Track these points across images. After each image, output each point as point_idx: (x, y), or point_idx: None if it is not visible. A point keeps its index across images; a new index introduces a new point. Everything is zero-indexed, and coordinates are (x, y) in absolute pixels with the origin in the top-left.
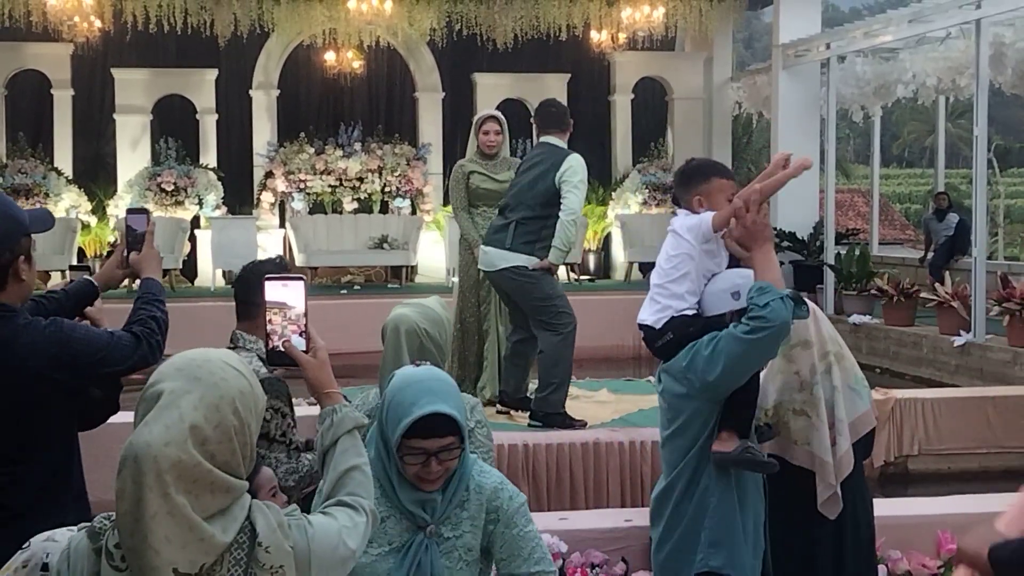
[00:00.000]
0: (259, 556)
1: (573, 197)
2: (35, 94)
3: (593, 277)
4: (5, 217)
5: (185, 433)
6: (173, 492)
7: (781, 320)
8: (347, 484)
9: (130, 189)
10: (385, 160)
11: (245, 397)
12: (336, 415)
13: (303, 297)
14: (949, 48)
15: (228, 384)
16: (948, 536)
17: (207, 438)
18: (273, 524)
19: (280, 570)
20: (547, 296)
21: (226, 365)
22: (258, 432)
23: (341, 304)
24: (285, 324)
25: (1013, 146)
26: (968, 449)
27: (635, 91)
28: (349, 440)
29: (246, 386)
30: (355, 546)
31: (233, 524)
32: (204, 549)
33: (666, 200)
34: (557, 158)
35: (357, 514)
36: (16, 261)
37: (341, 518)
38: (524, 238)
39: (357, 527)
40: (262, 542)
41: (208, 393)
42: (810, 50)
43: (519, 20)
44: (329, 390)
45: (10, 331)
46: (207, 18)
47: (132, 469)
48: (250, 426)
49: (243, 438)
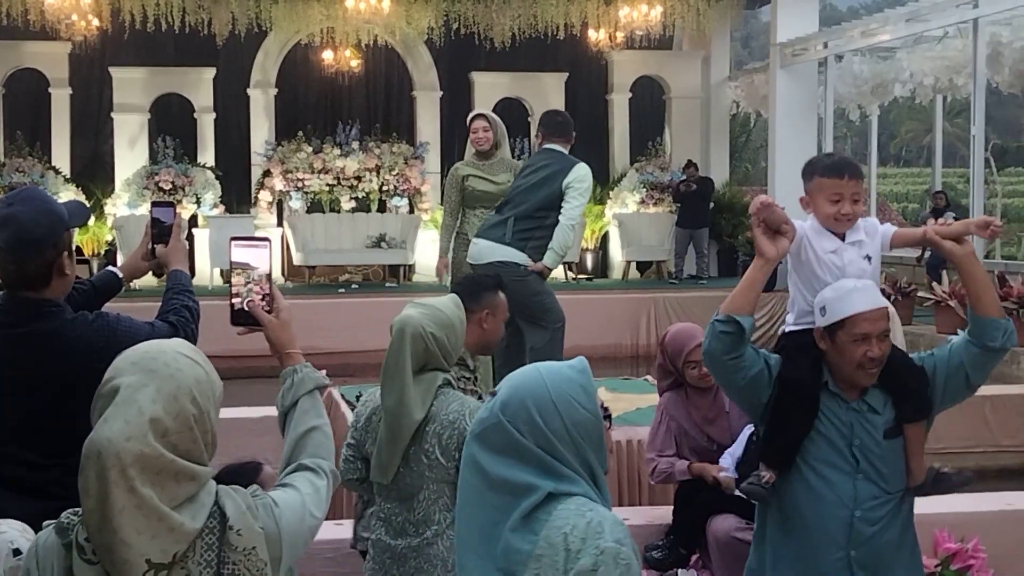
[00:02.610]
0: (231, 539)
1: (576, 204)
2: (33, 93)
3: (591, 276)
4: (48, 214)
5: (145, 426)
6: (139, 485)
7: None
8: (307, 446)
9: (128, 188)
10: (383, 159)
11: (202, 385)
12: (297, 375)
13: (268, 259)
14: (946, 47)
15: (184, 374)
16: (945, 535)
17: (168, 429)
18: (242, 507)
19: (253, 551)
20: (535, 292)
21: (180, 355)
22: (218, 418)
23: (339, 303)
24: (249, 285)
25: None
26: (965, 448)
27: (633, 90)
28: (309, 401)
29: (202, 374)
30: (320, 514)
31: (202, 510)
32: (175, 538)
33: (663, 199)
34: (566, 164)
35: (318, 477)
36: (60, 257)
37: (303, 487)
38: (520, 235)
39: (319, 492)
40: (233, 525)
41: (165, 385)
42: (807, 49)
43: (517, 19)
44: (290, 350)
45: (58, 325)
46: (205, 17)
47: (96, 466)
48: (209, 413)
49: (203, 426)
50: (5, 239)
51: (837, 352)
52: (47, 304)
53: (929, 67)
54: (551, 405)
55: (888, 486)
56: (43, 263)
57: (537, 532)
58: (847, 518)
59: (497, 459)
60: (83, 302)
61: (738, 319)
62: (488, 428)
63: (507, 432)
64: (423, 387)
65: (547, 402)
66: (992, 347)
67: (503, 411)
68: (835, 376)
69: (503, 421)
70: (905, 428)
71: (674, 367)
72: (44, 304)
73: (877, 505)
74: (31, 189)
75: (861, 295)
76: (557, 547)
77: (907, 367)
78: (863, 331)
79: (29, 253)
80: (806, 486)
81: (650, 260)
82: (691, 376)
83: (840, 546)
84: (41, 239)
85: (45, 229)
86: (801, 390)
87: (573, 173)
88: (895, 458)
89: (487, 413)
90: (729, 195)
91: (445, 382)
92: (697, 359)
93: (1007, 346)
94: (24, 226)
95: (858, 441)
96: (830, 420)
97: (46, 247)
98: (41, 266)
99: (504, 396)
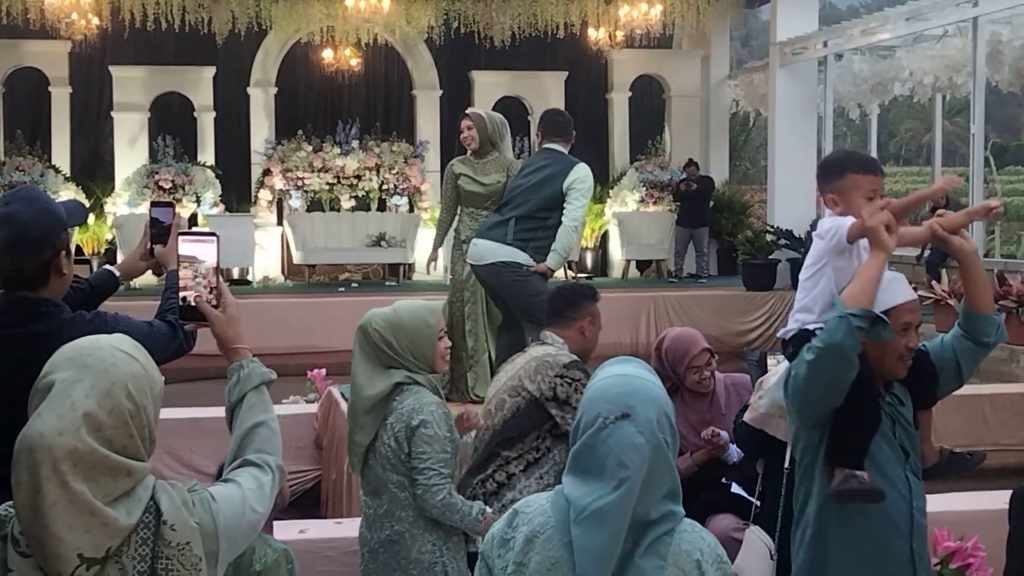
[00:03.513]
0: (165, 534)
1: (578, 205)
2: (33, 91)
3: (590, 275)
4: (46, 213)
5: (78, 421)
6: (71, 480)
7: (831, 341)
8: (254, 440)
9: (128, 187)
10: (383, 158)
11: (138, 380)
12: (243, 371)
13: (215, 253)
14: (946, 46)
15: (119, 369)
16: (944, 533)
17: (102, 424)
18: (177, 502)
19: (187, 546)
20: (537, 292)
21: (116, 350)
22: (157, 414)
23: (338, 302)
24: (196, 279)
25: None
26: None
27: (632, 89)
28: (256, 396)
29: (139, 369)
30: (263, 509)
31: (137, 506)
32: (109, 533)
33: (663, 198)
34: (566, 165)
35: (263, 472)
36: (58, 257)
37: (246, 482)
38: (521, 235)
39: (263, 487)
40: (167, 520)
41: (99, 380)
42: (807, 48)
43: (517, 18)
44: (237, 345)
45: (55, 325)
46: (205, 16)
47: (27, 461)
48: (146, 408)
49: (140, 421)
50: (3, 239)
51: (880, 345)
52: (45, 304)
53: (929, 66)
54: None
55: (920, 476)
56: (41, 263)
57: (664, 557)
58: (908, 511)
59: (653, 486)
60: (80, 301)
61: (871, 314)
62: (652, 452)
63: (662, 452)
64: (380, 376)
65: (671, 407)
66: (986, 342)
67: (659, 429)
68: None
69: (661, 440)
70: (918, 416)
71: (673, 372)
72: (42, 304)
73: (920, 495)
74: (29, 188)
75: (900, 285)
76: (690, 572)
77: (921, 356)
78: (906, 321)
79: (27, 253)
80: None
81: (650, 259)
82: (691, 381)
83: (905, 539)
84: (39, 239)
85: (43, 228)
86: (867, 383)
87: (574, 174)
88: (917, 448)
89: (642, 439)
90: (729, 194)
91: (407, 379)
92: (699, 364)
93: (999, 341)
94: (22, 226)
95: (900, 433)
96: (884, 414)
97: (44, 247)
98: (39, 266)
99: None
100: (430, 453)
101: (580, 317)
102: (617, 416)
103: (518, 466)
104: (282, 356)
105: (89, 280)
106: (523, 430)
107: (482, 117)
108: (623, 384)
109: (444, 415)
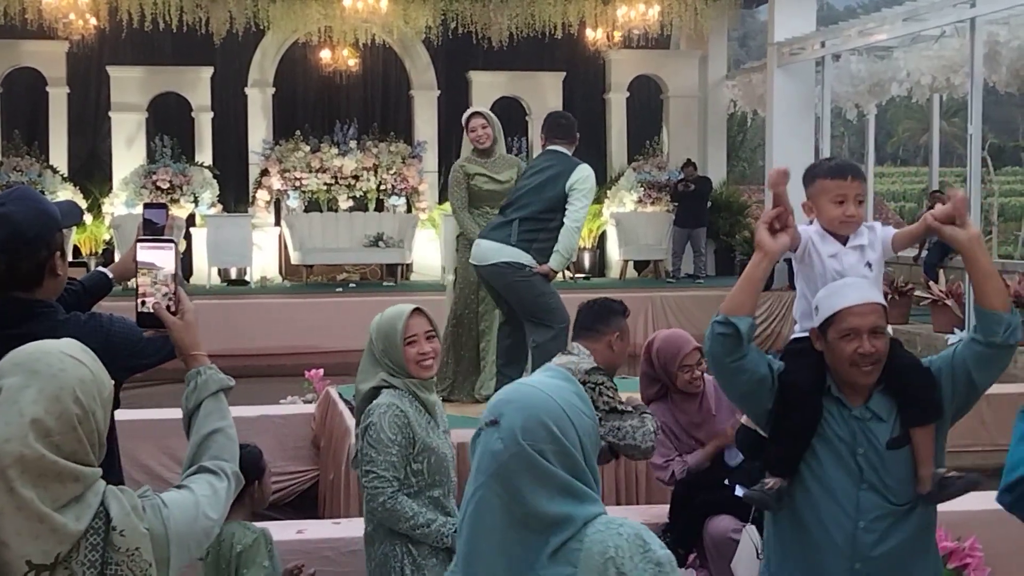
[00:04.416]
0: (114, 540)
1: (580, 206)
2: (30, 92)
3: (588, 275)
4: (41, 214)
5: (26, 428)
6: (19, 487)
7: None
8: (210, 447)
9: (125, 187)
10: (380, 158)
11: (87, 385)
12: (200, 377)
13: (173, 260)
14: (943, 46)
15: (67, 374)
16: (942, 534)
17: (50, 430)
18: (127, 508)
19: (136, 552)
20: (541, 293)
21: (64, 356)
22: (107, 419)
23: (336, 302)
24: (155, 286)
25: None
26: (963, 447)
27: (630, 89)
28: (213, 403)
29: (87, 374)
30: (216, 515)
31: (87, 511)
32: (58, 539)
33: (661, 198)
34: (569, 166)
35: (219, 479)
36: (53, 257)
37: (200, 488)
38: (525, 236)
39: (218, 494)
40: (116, 526)
41: (47, 385)
42: (805, 48)
43: (514, 18)
44: (194, 352)
45: (50, 327)
46: (202, 16)
47: None
48: (95, 413)
49: (88, 426)
50: None
51: (830, 351)
52: (39, 305)
53: (926, 66)
54: (566, 418)
55: (894, 497)
56: (36, 263)
57: (575, 563)
58: (850, 529)
59: (523, 494)
60: (73, 302)
61: (734, 320)
62: (509, 460)
63: (532, 460)
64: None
65: (561, 416)
66: (994, 343)
67: (523, 437)
68: (836, 380)
69: (525, 448)
70: (913, 434)
71: (665, 373)
72: (36, 305)
73: (881, 516)
74: (24, 188)
75: (851, 290)
76: (604, 572)
77: (912, 368)
78: (851, 326)
79: (22, 253)
80: (808, 495)
81: (647, 259)
82: (683, 381)
83: (845, 557)
84: (34, 239)
85: (38, 228)
86: (800, 394)
87: (576, 175)
88: (902, 468)
89: (500, 446)
90: (726, 194)
91: (383, 383)
92: (691, 363)
93: (1010, 342)
94: (17, 225)
95: (862, 450)
96: (833, 427)
97: (39, 247)
98: (34, 266)
99: (517, 421)
100: (371, 456)
101: (609, 332)
102: (488, 422)
103: None
104: (280, 356)
105: (82, 282)
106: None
107: (492, 117)
108: (509, 391)
109: (395, 417)
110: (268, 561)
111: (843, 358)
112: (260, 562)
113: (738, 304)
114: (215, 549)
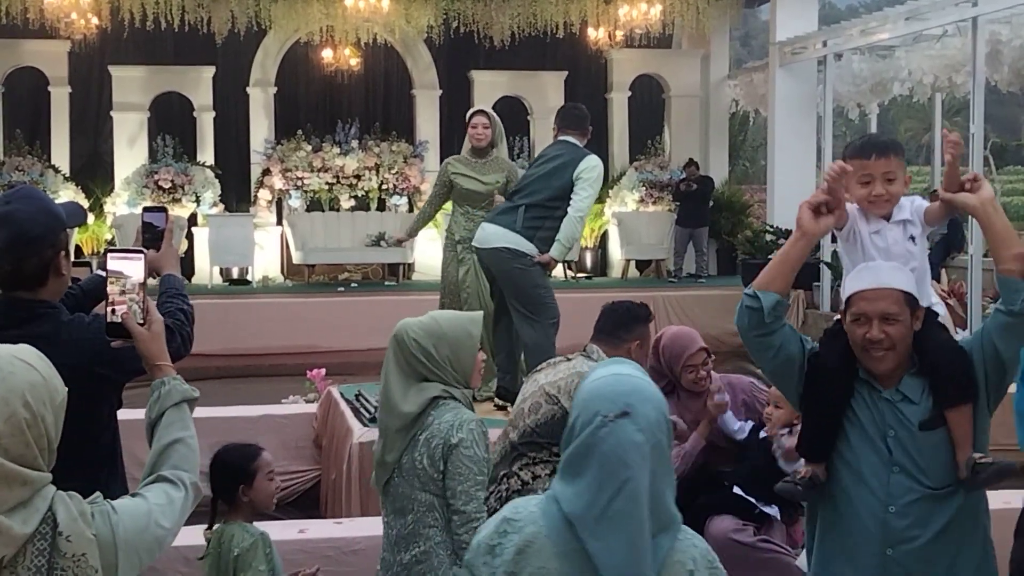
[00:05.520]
0: (60, 545)
1: (585, 195)
2: (32, 91)
3: (590, 275)
4: (46, 213)
5: None
6: None
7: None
8: (170, 457)
9: (127, 187)
10: (382, 158)
11: (37, 389)
12: (164, 387)
13: (142, 270)
14: (945, 46)
15: (16, 378)
16: None
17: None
18: (74, 513)
19: (83, 558)
20: (536, 285)
21: (15, 359)
22: (58, 424)
23: (338, 302)
24: (124, 295)
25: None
26: None
27: (632, 89)
28: (176, 413)
29: (37, 379)
30: (170, 524)
31: (35, 515)
32: (3, 542)
33: (663, 197)
34: (577, 155)
35: (175, 489)
36: (57, 257)
37: (154, 497)
38: (530, 223)
39: (173, 503)
40: (63, 531)
41: None
42: (807, 48)
43: (516, 18)
44: (160, 362)
45: (54, 327)
46: (204, 15)
47: None
48: (44, 418)
49: (37, 431)
50: (3, 238)
51: (849, 335)
52: (42, 305)
53: (928, 66)
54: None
55: (930, 481)
56: (40, 263)
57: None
58: (881, 514)
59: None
60: (72, 306)
61: (760, 295)
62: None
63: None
64: (414, 389)
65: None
66: (1013, 311)
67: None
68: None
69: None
70: (948, 417)
71: (670, 370)
72: (39, 305)
73: (914, 501)
74: (28, 188)
75: (868, 273)
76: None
77: (944, 347)
78: (860, 311)
79: (27, 252)
80: (840, 481)
81: (649, 259)
82: (688, 380)
83: (877, 542)
84: (39, 238)
85: (43, 228)
86: (828, 375)
87: (583, 164)
88: (937, 451)
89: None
90: (728, 194)
91: (444, 393)
92: (696, 363)
93: None
94: (22, 225)
95: (892, 432)
96: (863, 409)
97: (44, 246)
98: (38, 266)
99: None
100: (467, 475)
101: (630, 339)
102: (617, 414)
103: (544, 469)
104: (281, 356)
105: (80, 285)
106: (554, 439)
107: (496, 118)
108: (621, 383)
109: (483, 434)
110: (265, 565)
111: (856, 343)
112: (256, 566)
113: (768, 280)
114: (215, 550)
